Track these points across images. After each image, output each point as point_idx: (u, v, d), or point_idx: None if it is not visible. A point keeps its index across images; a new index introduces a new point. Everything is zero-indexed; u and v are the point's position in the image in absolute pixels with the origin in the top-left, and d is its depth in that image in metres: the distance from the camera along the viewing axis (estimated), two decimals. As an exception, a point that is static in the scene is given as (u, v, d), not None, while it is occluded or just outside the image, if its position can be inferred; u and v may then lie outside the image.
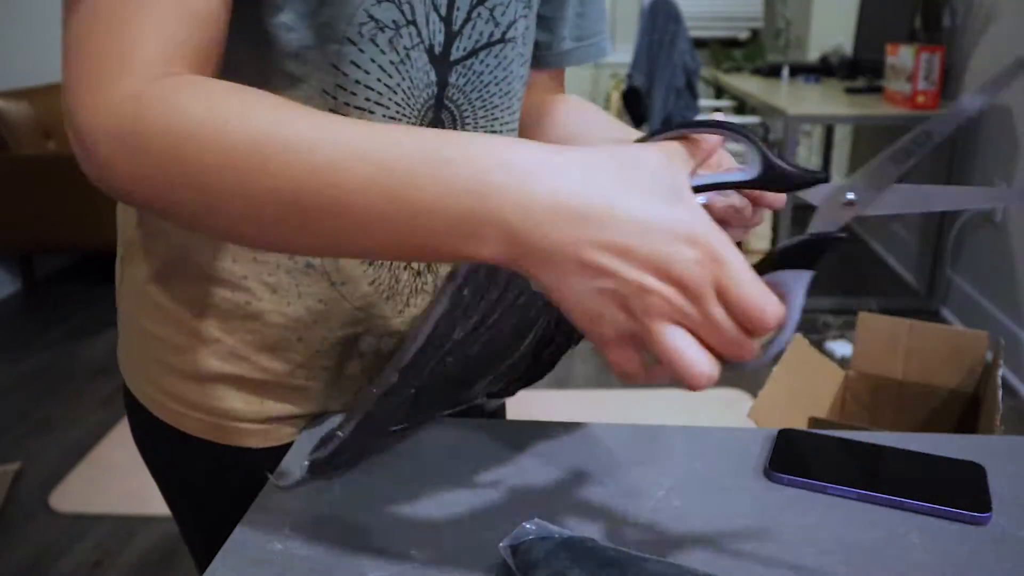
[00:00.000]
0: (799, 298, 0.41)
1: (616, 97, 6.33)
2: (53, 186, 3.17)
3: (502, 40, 0.63)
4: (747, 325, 0.40)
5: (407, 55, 0.57)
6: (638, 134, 0.69)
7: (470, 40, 0.61)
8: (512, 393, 0.73)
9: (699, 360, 0.40)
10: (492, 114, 0.66)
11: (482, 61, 0.62)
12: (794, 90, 3.51)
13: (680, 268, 0.38)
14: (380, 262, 0.64)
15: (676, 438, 0.68)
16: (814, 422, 1.18)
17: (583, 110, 0.78)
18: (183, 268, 0.63)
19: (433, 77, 0.60)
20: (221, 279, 0.63)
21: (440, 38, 0.59)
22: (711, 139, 0.44)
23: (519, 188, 0.39)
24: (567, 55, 0.77)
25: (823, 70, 3.89)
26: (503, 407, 0.88)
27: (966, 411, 1.32)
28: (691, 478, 0.62)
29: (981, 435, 0.68)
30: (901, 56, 2.91)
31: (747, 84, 3.79)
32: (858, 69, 3.67)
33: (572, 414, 2.46)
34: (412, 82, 0.59)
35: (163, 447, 0.71)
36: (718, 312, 0.39)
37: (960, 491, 0.59)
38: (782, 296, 0.41)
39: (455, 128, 0.64)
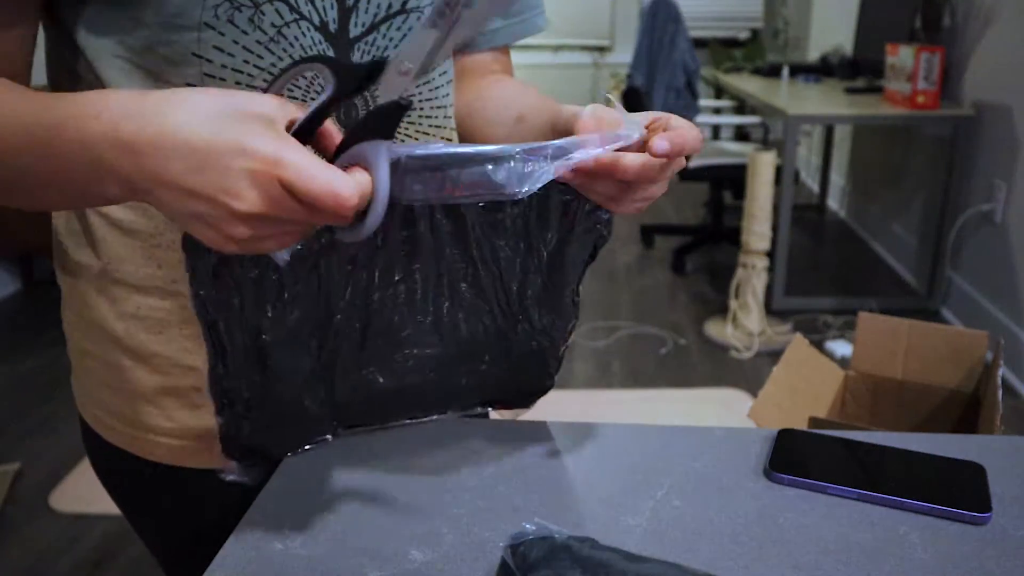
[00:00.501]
0: (382, 165, 0.44)
1: (616, 97, 6.34)
2: (53, 186, 3.16)
3: (403, 11, 0.60)
4: (327, 210, 0.42)
5: (279, 33, 0.55)
6: (558, 108, 0.66)
7: (367, 14, 0.59)
8: (521, 405, 0.70)
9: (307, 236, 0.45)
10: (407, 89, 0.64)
11: (384, 36, 0.60)
12: (794, 90, 3.52)
13: (237, 183, 0.41)
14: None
15: (676, 438, 0.68)
16: (814, 422, 1.18)
17: (509, 89, 0.75)
18: (112, 283, 0.62)
19: (332, 55, 0.58)
20: (151, 287, 0.61)
21: (333, 14, 0.57)
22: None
23: (110, 137, 0.43)
24: (497, 33, 0.74)
25: (823, 70, 3.89)
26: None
27: (966, 411, 1.32)
28: (691, 478, 0.62)
29: (981, 435, 0.68)
30: (901, 56, 2.91)
31: (747, 84, 3.79)
32: (858, 69, 3.67)
33: (572, 414, 2.46)
34: (294, 61, 0.57)
35: (121, 474, 0.69)
36: (295, 208, 0.42)
37: (960, 491, 0.59)
38: (367, 168, 0.44)
39: (368, 108, 0.61)
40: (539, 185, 0.50)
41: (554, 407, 2.71)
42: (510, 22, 0.75)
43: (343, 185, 0.41)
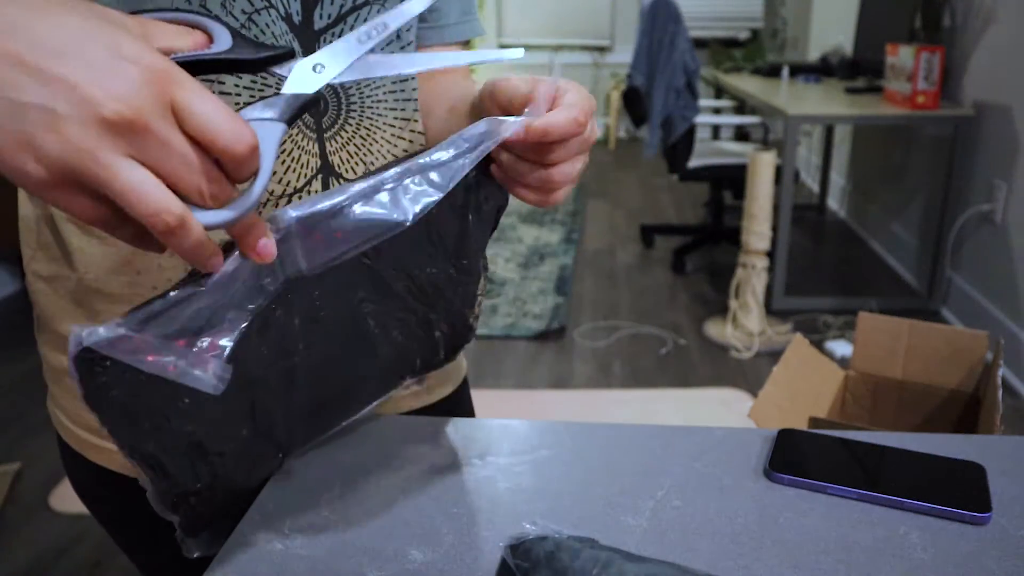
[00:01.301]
0: (272, 149, 0.40)
1: (616, 97, 6.34)
2: (53, 186, 3.16)
3: (367, 2, 0.60)
4: (215, 149, 0.35)
5: (249, 20, 0.55)
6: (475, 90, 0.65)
7: (333, 6, 0.58)
8: (446, 363, 0.67)
9: (159, 195, 0.34)
10: (375, 82, 0.63)
11: (351, 27, 0.59)
12: (794, 90, 3.52)
13: (122, 84, 0.33)
14: None
15: (676, 438, 0.68)
16: (814, 422, 1.18)
17: (445, 81, 0.75)
18: (90, 294, 0.61)
19: (298, 48, 0.57)
20: (131, 295, 0.60)
21: (297, 6, 0.57)
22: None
23: None
24: (452, 28, 0.74)
25: (823, 70, 3.89)
26: (470, 404, 0.87)
27: (966, 411, 1.32)
28: (691, 478, 0.62)
29: (981, 435, 0.68)
30: (901, 56, 2.91)
31: (747, 84, 3.79)
32: (858, 69, 3.67)
33: (572, 414, 2.46)
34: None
35: (105, 493, 0.68)
36: (175, 137, 0.34)
37: (960, 491, 0.59)
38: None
39: (337, 100, 0.61)
40: (427, 206, 0.49)
41: (554, 407, 2.72)
42: (467, 19, 0.75)
43: (245, 133, 0.36)
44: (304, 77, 0.44)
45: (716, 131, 5.12)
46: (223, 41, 0.43)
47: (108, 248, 0.59)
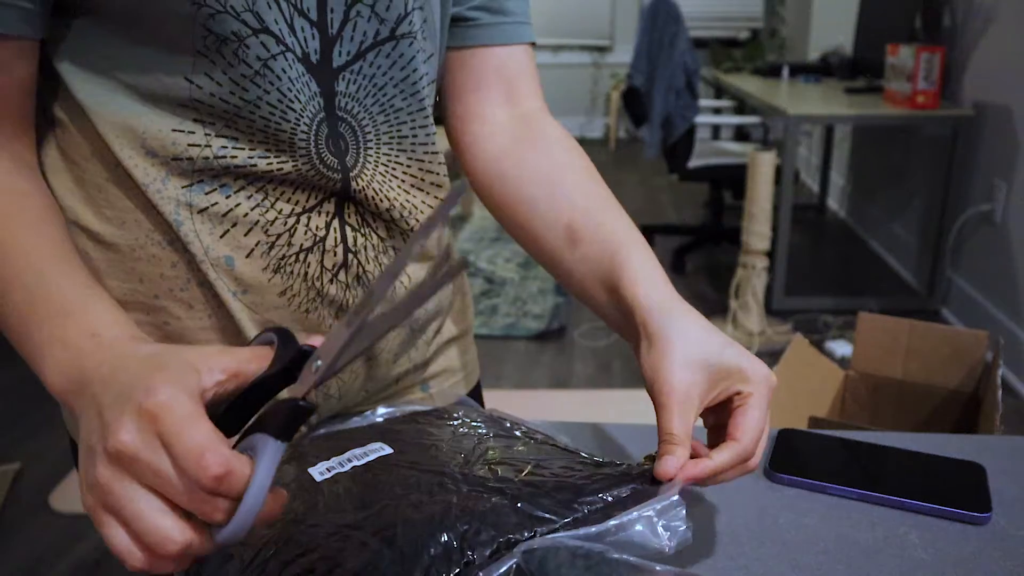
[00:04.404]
0: (265, 461, 0.39)
1: (616, 97, 6.34)
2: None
3: (392, 38, 0.58)
4: (190, 473, 0.38)
5: (264, 67, 0.53)
6: (620, 263, 0.60)
7: (353, 43, 0.57)
8: None
9: (160, 525, 0.39)
10: (397, 117, 0.61)
11: (371, 63, 0.58)
12: (794, 90, 3.52)
13: (116, 429, 0.39)
14: (288, 270, 0.60)
15: (676, 438, 0.68)
16: (814, 422, 1.18)
17: (551, 159, 0.68)
18: None
19: (315, 88, 0.56)
20: (133, 302, 0.60)
21: (315, 45, 0.55)
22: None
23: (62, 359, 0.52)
24: (519, 27, 0.68)
25: (823, 70, 3.90)
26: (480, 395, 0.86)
27: (966, 411, 1.32)
28: (691, 478, 0.62)
29: (981, 435, 0.68)
30: (901, 56, 2.91)
31: (747, 84, 3.79)
32: (858, 69, 3.67)
33: (572, 414, 2.46)
34: (283, 94, 0.55)
35: None
36: (164, 464, 0.39)
37: (960, 491, 0.59)
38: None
39: (356, 138, 0.59)
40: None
41: (554, 407, 2.71)
42: (506, 20, 0.69)
43: (213, 453, 0.38)
44: (305, 377, 0.42)
45: (716, 131, 5.12)
46: (279, 355, 0.43)
47: (111, 255, 0.59)
